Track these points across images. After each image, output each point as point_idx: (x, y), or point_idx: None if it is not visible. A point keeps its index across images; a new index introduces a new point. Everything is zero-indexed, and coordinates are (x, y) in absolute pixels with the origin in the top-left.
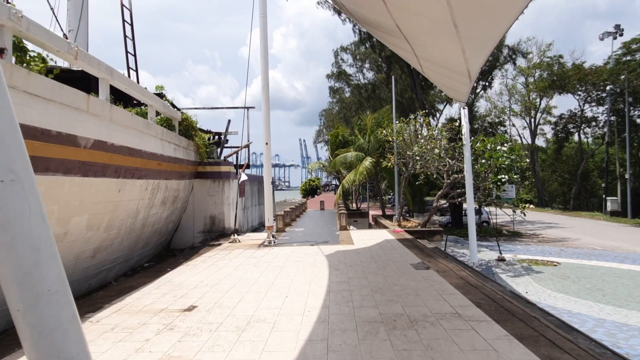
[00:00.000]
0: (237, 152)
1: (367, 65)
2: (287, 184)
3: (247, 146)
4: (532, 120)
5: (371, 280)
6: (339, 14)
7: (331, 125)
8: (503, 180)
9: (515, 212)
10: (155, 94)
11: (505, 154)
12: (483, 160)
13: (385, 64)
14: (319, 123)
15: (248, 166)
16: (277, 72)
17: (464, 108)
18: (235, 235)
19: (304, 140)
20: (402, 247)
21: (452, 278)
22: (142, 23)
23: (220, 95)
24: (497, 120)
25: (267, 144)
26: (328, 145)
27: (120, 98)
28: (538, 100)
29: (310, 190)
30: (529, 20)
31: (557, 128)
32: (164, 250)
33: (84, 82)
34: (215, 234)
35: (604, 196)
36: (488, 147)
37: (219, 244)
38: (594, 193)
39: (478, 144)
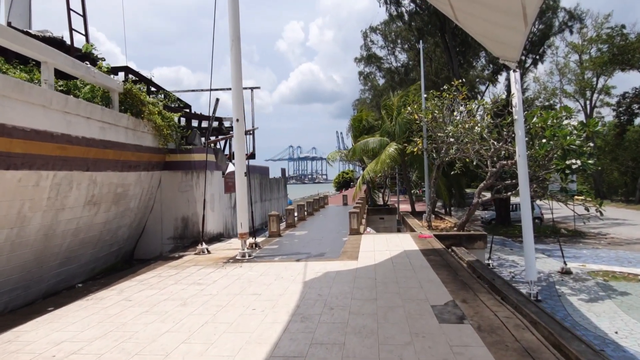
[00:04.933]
0: (226, 139)
1: (398, 47)
2: (324, 176)
3: (250, 132)
4: (588, 102)
5: (351, 353)
6: None
7: None
8: (574, 166)
9: (588, 210)
10: (80, 55)
11: (575, 131)
12: (543, 141)
13: (417, 38)
14: (353, 113)
15: (252, 156)
16: (314, 65)
17: (514, 71)
18: (203, 245)
19: (341, 133)
20: (426, 265)
21: (508, 353)
22: (179, 21)
23: (258, 89)
24: (546, 103)
25: (237, 120)
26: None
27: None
28: (595, 79)
29: (344, 182)
30: None
31: (620, 109)
32: (122, 263)
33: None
34: (188, 241)
35: None
36: (549, 123)
37: (180, 257)
38: None
39: (535, 119)
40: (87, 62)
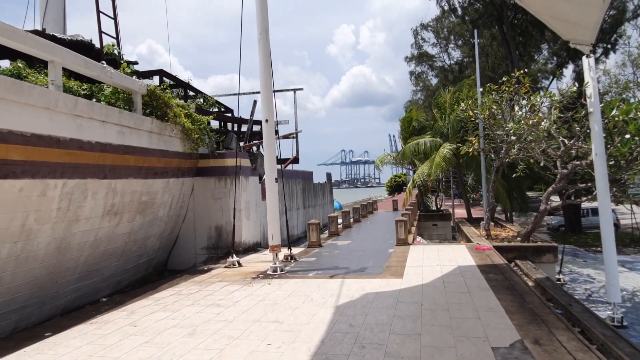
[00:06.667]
0: (259, 144)
1: (451, 44)
2: (377, 180)
3: (293, 136)
4: None
5: None
6: None
7: None
8: None
9: None
10: (107, 58)
11: None
12: (627, 136)
13: (472, 31)
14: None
15: (296, 160)
16: (365, 67)
17: (588, 56)
18: (234, 257)
19: (394, 136)
20: (485, 287)
21: None
22: (231, 30)
23: (310, 94)
24: (618, 97)
25: (267, 121)
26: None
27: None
28: None
29: (396, 186)
30: None
31: None
32: (153, 275)
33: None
34: (222, 251)
35: None
36: (631, 116)
37: (209, 270)
38: None
39: (614, 111)
40: (104, 62)
